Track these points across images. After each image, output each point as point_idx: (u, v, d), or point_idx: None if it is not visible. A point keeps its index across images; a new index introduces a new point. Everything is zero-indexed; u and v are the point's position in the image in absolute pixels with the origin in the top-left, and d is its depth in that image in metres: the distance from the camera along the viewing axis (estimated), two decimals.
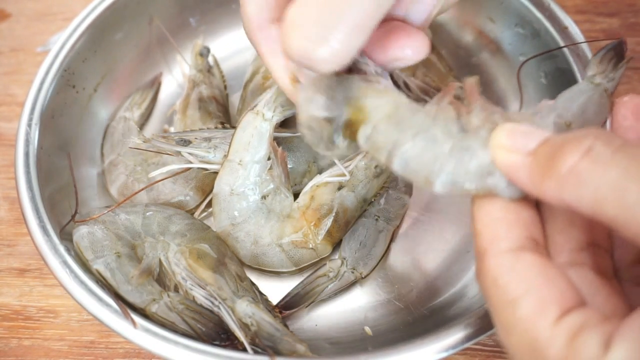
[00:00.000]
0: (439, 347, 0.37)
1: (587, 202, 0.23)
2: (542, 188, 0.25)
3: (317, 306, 0.48)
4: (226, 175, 0.47)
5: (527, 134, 0.27)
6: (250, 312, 0.42)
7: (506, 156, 0.27)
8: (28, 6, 0.70)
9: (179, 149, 0.47)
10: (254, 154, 0.47)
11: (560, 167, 0.24)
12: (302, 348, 0.40)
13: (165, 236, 0.47)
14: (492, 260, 0.27)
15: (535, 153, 0.26)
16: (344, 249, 0.49)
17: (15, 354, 0.49)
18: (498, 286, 0.26)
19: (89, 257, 0.43)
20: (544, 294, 0.25)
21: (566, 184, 0.24)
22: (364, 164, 0.49)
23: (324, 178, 0.49)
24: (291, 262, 0.48)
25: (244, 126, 0.47)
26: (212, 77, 0.59)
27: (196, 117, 0.56)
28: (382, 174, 0.49)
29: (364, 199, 0.49)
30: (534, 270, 0.26)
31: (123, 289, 0.42)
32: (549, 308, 0.24)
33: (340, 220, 0.48)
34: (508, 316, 0.25)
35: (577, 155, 0.24)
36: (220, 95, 0.58)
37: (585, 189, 0.23)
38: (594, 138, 0.24)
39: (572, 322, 0.24)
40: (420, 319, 0.46)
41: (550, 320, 0.24)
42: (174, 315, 0.42)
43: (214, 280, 0.44)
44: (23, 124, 0.48)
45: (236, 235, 0.48)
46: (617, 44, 0.43)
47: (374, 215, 0.50)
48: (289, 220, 0.48)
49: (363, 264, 0.48)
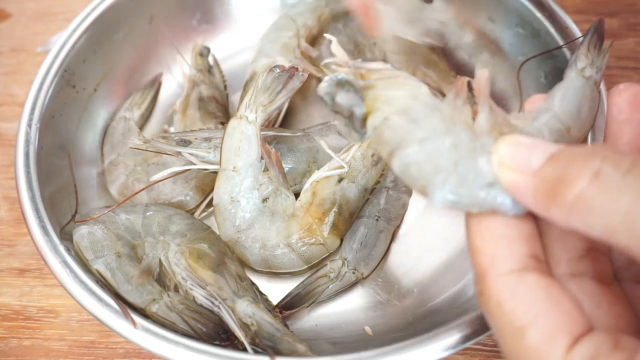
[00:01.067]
0: (439, 347, 0.37)
1: (598, 230, 0.22)
2: (549, 213, 0.24)
3: (317, 306, 0.48)
4: (223, 185, 0.47)
5: (530, 149, 0.26)
6: (251, 312, 0.42)
7: (510, 176, 0.26)
8: (28, 6, 0.70)
9: (179, 149, 0.47)
10: (246, 158, 0.47)
11: (567, 194, 0.23)
12: (302, 348, 0.40)
13: (165, 236, 0.47)
14: (493, 282, 0.26)
15: (540, 174, 0.25)
16: (344, 250, 0.49)
17: (15, 354, 0.49)
18: (504, 312, 0.25)
19: (89, 257, 0.43)
20: (552, 321, 0.24)
21: (574, 212, 0.23)
22: (360, 154, 0.49)
23: (322, 173, 0.49)
24: (302, 260, 0.48)
25: (230, 132, 0.47)
26: (212, 77, 0.59)
27: (196, 117, 0.56)
28: (379, 162, 0.50)
29: (365, 188, 0.50)
30: (539, 294, 0.25)
31: (123, 289, 0.42)
32: (558, 337, 0.24)
33: (344, 212, 0.48)
34: (516, 344, 0.24)
35: (585, 181, 0.23)
36: (220, 95, 0.58)
37: (595, 218, 0.22)
38: (602, 160, 0.23)
39: (584, 352, 0.23)
40: (420, 319, 0.46)
41: (562, 351, 0.23)
42: (174, 315, 0.42)
43: (213, 280, 0.44)
44: (23, 124, 0.48)
45: (243, 242, 0.47)
46: (597, 25, 0.43)
47: (374, 216, 0.50)
48: (293, 219, 0.48)
49: (364, 264, 0.48)
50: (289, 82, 0.47)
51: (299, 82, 0.47)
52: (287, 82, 0.47)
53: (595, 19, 0.43)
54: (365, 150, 0.49)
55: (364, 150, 0.49)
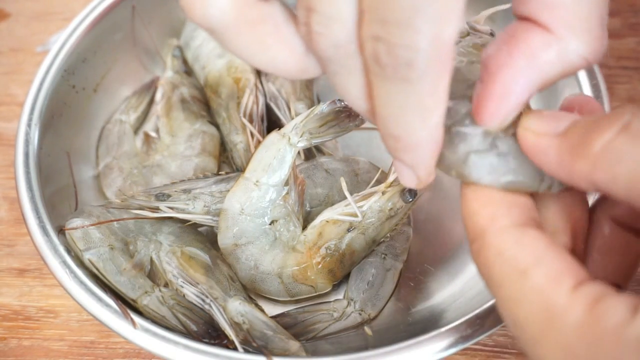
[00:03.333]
0: (439, 347, 0.37)
1: (622, 181, 0.21)
2: (572, 169, 0.23)
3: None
4: (239, 193, 0.46)
5: (556, 117, 0.25)
6: (243, 310, 0.42)
7: (534, 139, 0.25)
8: (28, 6, 0.70)
9: (157, 204, 0.47)
10: (272, 177, 0.45)
11: (594, 145, 0.22)
12: (295, 346, 0.40)
13: (158, 236, 0.47)
14: (494, 236, 0.25)
15: (565, 134, 0.24)
16: (350, 290, 0.47)
17: (15, 354, 0.49)
18: (505, 259, 0.24)
19: (81, 247, 0.43)
20: (556, 265, 0.23)
21: (600, 163, 0.22)
22: (379, 205, 0.46)
23: (335, 215, 0.46)
24: (288, 294, 0.47)
25: (268, 145, 0.45)
26: (190, 78, 0.59)
27: (181, 118, 0.56)
28: (395, 216, 0.47)
29: (373, 240, 0.47)
30: (542, 244, 0.24)
31: (115, 279, 0.42)
32: (563, 277, 0.23)
33: (346, 262, 0.47)
34: (518, 287, 0.24)
35: (614, 132, 0.22)
36: (200, 94, 0.58)
37: (621, 167, 0.21)
38: (632, 114, 0.22)
39: (591, 290, 0.22)
40: (420, 319, 0.46)
41: (567, 288, 0.23)
42: (165, 309, 0.42)
43: (205, 279, 0.44)
44: (23, 124, 0.48)
45: (238, 256, 0.47)
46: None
47: (381, 254, 0.48)
48: (293, 253, 0.46)
49: (371, 304, 0.46)
50: (345, 120, 0.45)
51: (354, 125, 0.45)
52: (344, 120, 0.45)
53: None
54: (384, 203, 0.46)
55: (383, 204, 0.46)
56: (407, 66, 0.22)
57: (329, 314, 0.46)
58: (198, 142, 0.54)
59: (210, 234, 0.50)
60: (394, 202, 0.46)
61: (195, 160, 0.54)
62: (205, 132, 0.55)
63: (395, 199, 0.46)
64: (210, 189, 0.48)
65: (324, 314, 0.46)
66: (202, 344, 0.38)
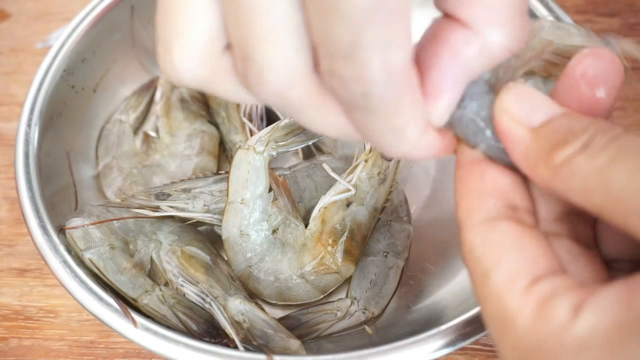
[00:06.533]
0: (439, 345, 0.37)
1: (576, 192, 0.23)
2: (535, 170, 0.25)
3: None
4: (232, 218, 0.46)
5: (535, 105, 0.26)
6: (243, 308, 0.42)
7: (508, 124, 0.26)
8: (28, 6, 0.70)
9: (157, 203, 0.47)
10: (254, 189, 0.46)
11: (556, 157, 0.24)
12: (295, 344, 0.40)
13: (158, 235, 0.47)
14: (467, 232, 0.26)
15: (537, 132, 0.25)
16: (354, 289, 0.47)
17: (15, 354, 0.49)
18: (473, 258, 0.25)
19: (81, 247, 0.43)
20: (515, 264, 0.24)
21: (558, 174, 0.23)
22: (365, 174, 0.47)
23: (329, 198, 0.47)
24: (318, 291, 0.47)
25: (237, 164, 0.46)
26: None
27: (181, 117, 0.56)
28: (386, 179, 0.48)
29: (374, 208, 0.48)
30: (507, 240, 0.25)
31: (115, 278, 0.42)
32: (519, 277, 0.24)
33: (357, 237, 0.47)
34: (482, 288, 0.25)
35: (575, 148, 0.23)
36: (199, 94, 0.58)
37: (574, 181, 0.23)
38: (595, 130, 0.23)
39: (542, 290, 0.23)
40: (421, 317, 0.46)
41: (520, 290, 0.24)
42: (166, 308, 0.42)
43: (205, 278, 0.44)
44: (23, 124, 0.48)
45: (256, 276, 0.46)
46: None
47: (382, 252, 0.48)
48: (305, 250, 0.46)
49: (375, 303, 0.46)
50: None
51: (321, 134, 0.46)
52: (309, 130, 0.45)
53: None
54: (370, 169, 0.47)
55: (369, 170, 0.47)
56: (363, 97, 0.22)
57: (332, 313, 0.46)
58: (197, 141, 0.55)
59: (210, 233, 0.50)
60: (378, 165, 0.47)
61: (195, 159, 0.54)
62: (205, 132, 0.55)
63: (379, 162, 0.47)
64: (210, 188, 0.48)
65: (328, 314, 0.46)
66: (203, 342, 0.38)
